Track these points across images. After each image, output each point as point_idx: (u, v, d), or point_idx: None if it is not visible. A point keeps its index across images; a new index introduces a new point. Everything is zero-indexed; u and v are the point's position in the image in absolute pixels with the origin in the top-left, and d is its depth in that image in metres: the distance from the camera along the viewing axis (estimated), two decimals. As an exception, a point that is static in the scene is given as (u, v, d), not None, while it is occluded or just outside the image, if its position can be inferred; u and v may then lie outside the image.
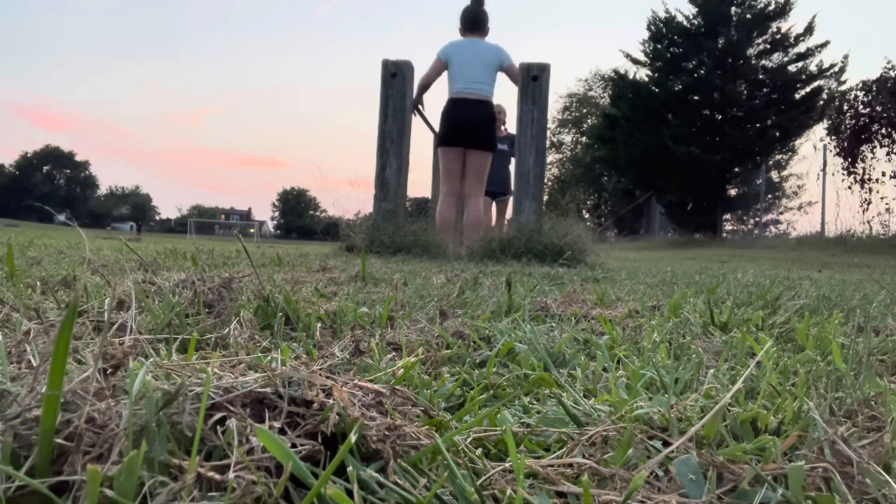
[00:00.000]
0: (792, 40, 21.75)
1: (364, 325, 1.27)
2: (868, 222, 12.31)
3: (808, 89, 21.34)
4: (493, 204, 7.46)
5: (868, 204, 12.65)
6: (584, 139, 36.28)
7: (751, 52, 22.12)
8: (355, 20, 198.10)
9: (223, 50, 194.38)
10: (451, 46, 4.94)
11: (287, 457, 0.44)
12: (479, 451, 0.58)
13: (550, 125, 35.87)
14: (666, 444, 0.60)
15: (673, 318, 1.47)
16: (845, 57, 21.43)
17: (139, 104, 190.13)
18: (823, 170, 13.96)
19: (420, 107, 5.44)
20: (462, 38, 5.02)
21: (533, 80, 5.52)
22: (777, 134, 21.72)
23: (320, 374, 0.55)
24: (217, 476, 0.42)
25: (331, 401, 0.51)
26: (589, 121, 36.50)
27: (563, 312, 1.55)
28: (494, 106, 5.10)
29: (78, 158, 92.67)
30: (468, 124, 4.82)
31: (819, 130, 18.81)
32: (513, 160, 5.85)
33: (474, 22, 4.90)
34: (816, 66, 21.45)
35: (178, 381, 0.49)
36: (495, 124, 5.10)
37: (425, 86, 5.13)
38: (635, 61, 24.10)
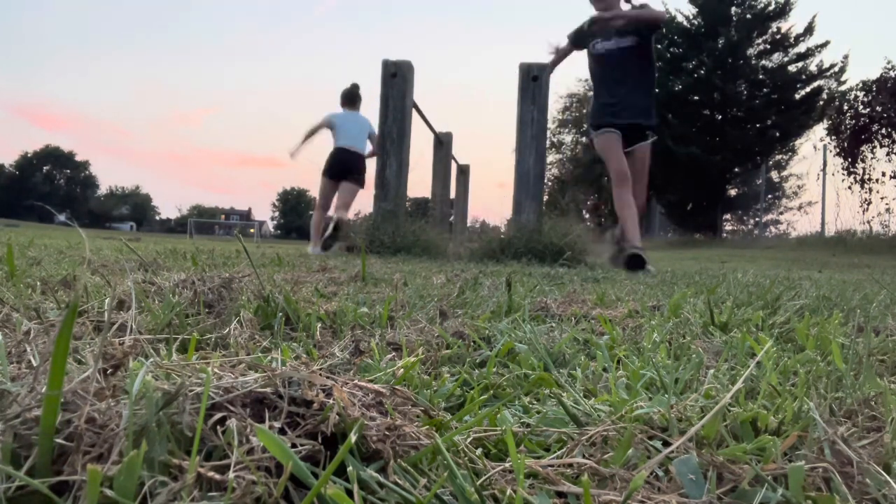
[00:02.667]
0: (792, 40, 21.75)
1: (364, 325, 1.27)
2: (868, 222, 12.34)
3: (808, 89, 21.34)
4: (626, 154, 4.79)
5: (868, 204, 12.68)
6: (584, 139, 36.26)
7: (751, 52, 22.12)
8: (355, 20, 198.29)
9: (223, 50, 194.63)
10: (336, 116, 6.85)
11: (287, 457, 0.44)
12: (479, 451, 0.57)
13: (550, 125, 35.83)
14: (666, 444, 0.60)
15: (673, 318, 1.47)
16: (845, 57, 21.46)
17: (139, 104, 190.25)
18: (823, 170, 13.99)
19: (307, 140, 7.07)
20: (343, 110, 6.90)
21: (533, 80, 5.52)
22: (777, 134, 21.73)
23: (320, 374, 0.55)
24: (217, 476, 0.42)
25: (331, 401, 0.51)
26: (589, 121, 36.42)
27: (563, 312, 1.55)
28: None
29: (78, 158, 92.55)
30: (346, 166, 6.77)
31: (819, 130, 18.83)
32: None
33: (351, 99, 6.94)
34: (816, 66, 21.46)
35: (178, 381, 0.49)
36: (365, 168, 6.78)
37: (313, 132, 7.00)
38: (635, 61, 24.07)
